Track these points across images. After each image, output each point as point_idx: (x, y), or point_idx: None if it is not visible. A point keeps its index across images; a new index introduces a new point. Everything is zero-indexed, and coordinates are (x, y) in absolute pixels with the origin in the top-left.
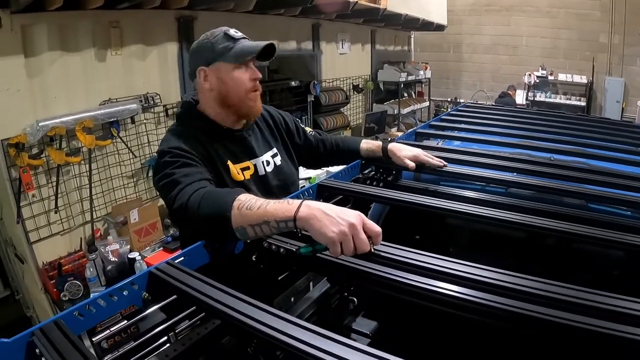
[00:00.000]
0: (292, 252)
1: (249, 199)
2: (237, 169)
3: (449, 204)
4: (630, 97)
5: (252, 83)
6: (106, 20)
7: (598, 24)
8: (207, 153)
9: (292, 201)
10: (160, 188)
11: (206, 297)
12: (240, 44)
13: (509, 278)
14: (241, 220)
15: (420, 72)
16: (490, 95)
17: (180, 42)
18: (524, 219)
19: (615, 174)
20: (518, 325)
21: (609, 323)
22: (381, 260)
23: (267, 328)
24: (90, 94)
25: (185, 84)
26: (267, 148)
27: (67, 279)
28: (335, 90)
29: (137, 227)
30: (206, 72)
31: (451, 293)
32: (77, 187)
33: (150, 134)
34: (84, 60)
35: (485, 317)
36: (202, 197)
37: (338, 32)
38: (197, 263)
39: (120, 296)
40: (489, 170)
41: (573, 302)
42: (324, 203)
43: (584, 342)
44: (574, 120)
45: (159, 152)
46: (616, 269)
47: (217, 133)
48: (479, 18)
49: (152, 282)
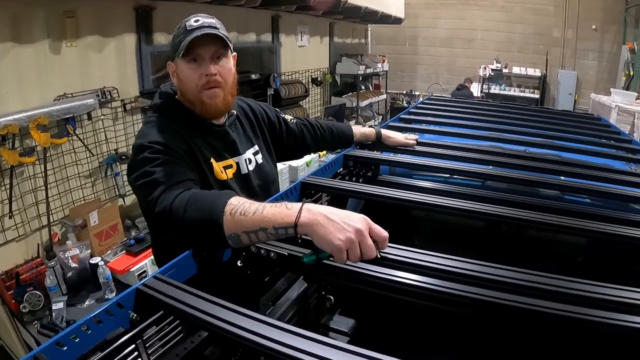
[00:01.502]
0: (283, 256)
1: (241, 202)
2: (220, 167)
3: (431, 198)
4: (583, 89)
5: (203, 79)
6: (61, 9)
7: (552, 19)
8: (190, 149)
9: (291, 205)
10: (138, 187)
11: (202, 314)
12: (188, 37)
13: (472, 266)
14: (234, 227)
15: (378, 65)
16: (446, 87)
17: (139, 33)
18: (497, 210)
19: (588, 165)
20: (478, 311)
21: (573, 307)
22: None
23: (262, 339)
24: (44, 88)
25: (144, 78)
26: (249, 145)
27: (26, 289)
28: (295, 83)
29: (97, 230)
30: (172, 67)
31: (414, 283)
32: (32, 190)
33: (108, 131)
34: (37, 53)
35: (449, 305)
36: (188, 201)
37: (297, 24)
38: (186, 274)
39: (105, 319)
40: (466, 164)
41: (536, 287)
42: (325, 207)
43: (548, 327)
44: (539, 112)
45: (136, 147)
46: (580, 256)
47: (199, 127)
48: (435, 12)
49: (140, 300)
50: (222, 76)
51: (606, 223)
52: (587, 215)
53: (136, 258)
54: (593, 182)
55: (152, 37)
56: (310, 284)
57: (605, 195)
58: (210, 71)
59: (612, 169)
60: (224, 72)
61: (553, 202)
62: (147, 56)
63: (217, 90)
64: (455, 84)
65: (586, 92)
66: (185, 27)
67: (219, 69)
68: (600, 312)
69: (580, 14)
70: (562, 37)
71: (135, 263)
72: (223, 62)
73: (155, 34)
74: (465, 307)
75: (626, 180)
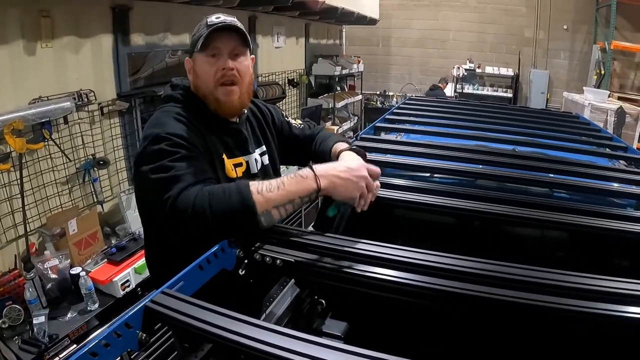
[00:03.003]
0: (289, 262)
1: (259, 183)
2: (231, 165)
3: (426, 198)
4: (554, 88)
5: (220, 73)
6: (36, 8)
7: (524, 19)
8: (206, 144)
9: (305, 174)
10: (154, 181)
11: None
12: (208, 31)
13: (462, 262)
14: (266, 204)
15: (354, 66)
16: (419, 87)
17: (115, 33)
18: (491, 208)
19: (574, 162)
20: (468, 308)
21: (553, 298)
22: (347, 256)
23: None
24: (19, 91)
25: (121, 80)
26: (257, 145)
27: (5, 303)
28: (272, 85)
29: (76, 239)
30: (190, 64)
31: (402, 280)
32: (7, 198)
33: (85, 135)
34: (11, 54)
35: (438, 301)
36: (209, 195)
37: (274, 25)
38: (194, 287)
39: (113, 342)
40: (457, 163)
41: (518, 280)
42: (331, 166)
43: (532, 319)
44: (520, 112)
45: (152, 136)
46: (561, 251)
47: (214, 122)
48: (408, 12)
49: (149, 318)
50: (239, 73)
51: (592, 217)
52: (576, 210)
53: (118, 267)
54: (582, 179)
55: (129, 38)
56: (302, 288)
57: (594, 191)
58: (227, 65)
59: (600, 166)
60: (241, 69)
61: (545, 199)
62: (124, 57)
63: (233, 88)
64: (428, 84)
65: (558, 91)
66: (207, 22)
67: (237, 65)
68: (581, 302)
69: (551, 15)
70: (534, 37)
71: (118, 272)
72: (241, 60)
73: (132, 34)
74: (456, 304)
75: (612, 176)
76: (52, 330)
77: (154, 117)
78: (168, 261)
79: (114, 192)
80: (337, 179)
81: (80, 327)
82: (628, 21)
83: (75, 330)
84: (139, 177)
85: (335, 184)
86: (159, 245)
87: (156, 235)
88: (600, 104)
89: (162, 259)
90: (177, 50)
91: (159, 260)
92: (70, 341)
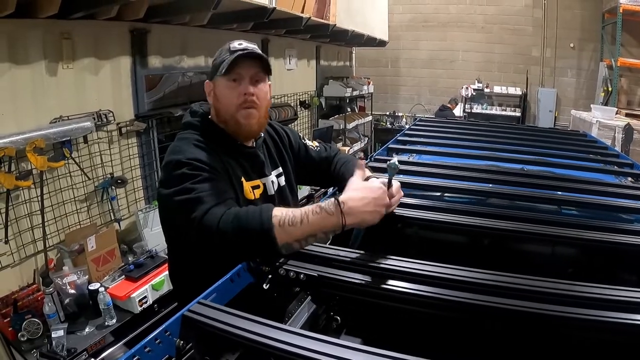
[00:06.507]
0: (313, 277)
1: (284, 212)
2: (249, 187)
3: (439, 215)
4: (562, 106)
5: (241, 98)
6: (58, 30)
7: (531, 38)
8: (224, 167)
9: (330, 210)
10: (178, 203)
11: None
12: (232, 56)
13: (478, 275)
14: (286, 237)
15: (364, 87)
16: (428, 108)
17: (134, 55)
18: (503, 225)
19: (582, 180)
20: (485, 319)
21: (560, 307)
22: (370, 270)
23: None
24: (40, 111)
25: (139, 101)
26: (274, 166)
27: (24, 316)
28: (284, 106)
29: (94, 256)
30: (210, 87)
31: (416, 292)
32: (27, 214)
33: (104, 154)
34: (34, 74)
35: (452, 312)
36: (233, 219)
37: (286, 47)
38: (226, 298)
39: (154, 348)
40: (469, 182)
41: (531, 290)
42: (353, 194)
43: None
44: (529, 131)
45: (173, 162)
46: (571, 267)
47: (231, 147)
48: (417, 34)
49: (187, 326)
50: (258, 98)
51: (599, 232)
52: (583, 226)
53: (136, 283)
54: (590, 196)
55: (146, 60)
56: (319, 305)
57: (602, 208)
58: (248, 90)
59: (607, 182)
60: (260, 95)
61: (553, 216)
62: (142, 79)
63: (253, 111)
64: (437, 104)
65: (566, 109)
66: (229, 48)
67: (256, 90)
68: (592, 311)
69: (558, 33)
70: (541, 56)
71: (136, 289)
72: (261, 86)
73: (150, 56)
74: (476, 316)
75: (619, 192)
76: (70, 344)
77: (174, 145)
78: (192, 275)
79: (130, 211)
80: (361, 212)
81: (99, 341)
82: (634, 38)
83: (93, 344)
84: (163, 201)
85: (359, 219)
86: (183, 260)
87: (181, 251)
88: (608, 121)
89: (187, 273)
90: (192, 73)
91: (184, 274)
92: (88, 355)
